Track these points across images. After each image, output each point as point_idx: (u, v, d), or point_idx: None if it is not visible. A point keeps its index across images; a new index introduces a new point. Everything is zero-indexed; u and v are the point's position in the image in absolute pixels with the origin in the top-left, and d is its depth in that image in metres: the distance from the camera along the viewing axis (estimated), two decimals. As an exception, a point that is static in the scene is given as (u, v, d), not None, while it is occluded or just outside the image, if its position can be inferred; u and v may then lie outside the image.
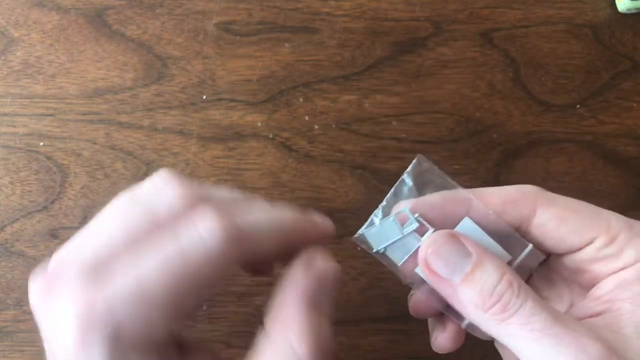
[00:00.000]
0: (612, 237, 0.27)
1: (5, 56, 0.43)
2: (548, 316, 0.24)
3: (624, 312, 0.25)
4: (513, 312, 0.24)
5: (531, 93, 0.42)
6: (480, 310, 0.25)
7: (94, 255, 0.22)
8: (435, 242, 0.26)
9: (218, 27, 0.43)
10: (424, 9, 0.43)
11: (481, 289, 0.25)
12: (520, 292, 0.25)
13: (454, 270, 0.25)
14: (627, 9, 0.42)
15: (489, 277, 0.25)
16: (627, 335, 0.24)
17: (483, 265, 0.25)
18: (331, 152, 0.42)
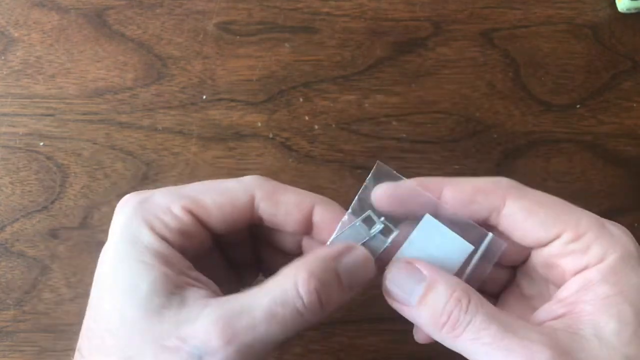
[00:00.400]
0: (580, 233, 0.27)
1: (6, 56, 0.43)
2: (498, 328, 0.25)
3: (584, 313, 0.26)
4: (463, 328, 0.26)
5: (531, 93, 0.42)
6: (435, 329, 0.27)
7: None
8: (391, 272, 0.28)
9: (218, 27, 0.43)
10: (424, 9, 0.43)
11: (433, 311, 0.26)
12: (469, 308, 0.26)
13: (410, 295, 0.27)
14: (627, 9, 0.42)
15: (439, 297, 0.26)
16: (584, 337, 0.25)
17: (435, 287, 0.27)
18: (331, 152, 0.42)
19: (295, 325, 0.26)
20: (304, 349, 0.40)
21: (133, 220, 0.28)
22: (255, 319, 0.25)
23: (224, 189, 0.29)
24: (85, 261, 0.41)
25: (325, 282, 0.27)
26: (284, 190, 0.30)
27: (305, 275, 0.26)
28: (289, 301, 0.26)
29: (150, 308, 0.26)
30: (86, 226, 0.41)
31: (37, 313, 0.40)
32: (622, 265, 0.26)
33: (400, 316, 0.40)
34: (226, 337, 0.25)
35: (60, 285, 0.41)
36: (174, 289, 0.27)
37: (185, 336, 0.25)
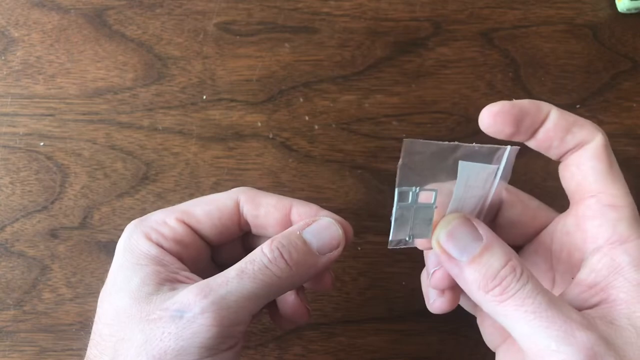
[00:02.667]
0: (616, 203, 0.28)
1: (6, 56, 0.43)
2: (543, 300, 0.25)
3: (618, 303, 0.26)
4: (511, 294, 0.26)
5: (531, 93, 0.42)
6: (482, 291, 0.27)
7: None
8: (449, 223, 0.28)
9: (218, 27, 0.43)
10: (424, 9, 0.43)
11: (486, 272, 0.26)
12: (521, 277, 0.26)
13: (463, 251, 0.27)
14: (627, 9, 0.42)
15: (495, 261, 0.26)
16: (620, 326, 0.25)
17: (491, 250, 0.27)
18: (331, 152, 0.42)
19: (266, 279, 0.29)
20: (304, 349, 0.40)
21: (133, 235, 0.31)
22: (227, 277, 0.28)
23: (212, 199, 0.33)
24: (85, 261, 0.41)
25: (287, 242, 0.30)
26: (265, 194, 0.33)
27: (269, 241, 0.30)
28: (257, 259, 0.29)
29: (140, 296, 0.29)
30: (86, 226, 0.41)
31: (37, 313, 0.40)
32: None
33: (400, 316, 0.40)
34: (202, 294, 0.28)
35: (60, 285, 0.41)
36: (163, 282, 0.29)
37: (167, 306, 0.28)
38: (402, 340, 0.40)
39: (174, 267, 0.30)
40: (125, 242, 0.31)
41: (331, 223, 0.31)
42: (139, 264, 0.30)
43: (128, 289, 0.29)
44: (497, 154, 0.29)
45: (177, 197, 0.41)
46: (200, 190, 0.41)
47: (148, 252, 0.30)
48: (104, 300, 0.30)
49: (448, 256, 0.28)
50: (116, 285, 0.30)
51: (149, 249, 0.30)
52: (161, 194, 0.41)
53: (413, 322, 0.34)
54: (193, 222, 0.32)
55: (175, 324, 0.27)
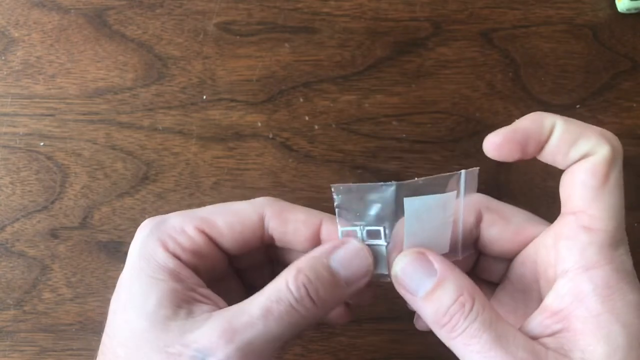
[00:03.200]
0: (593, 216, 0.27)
1: (6, 56, 0.43)
2: (489, 338, 0.26)
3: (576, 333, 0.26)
4: (459, 332, 0.26)
5: (531, 93, 0.42)
6: (436, 326, 0.27)
7: None
8: (402, 260, 0.28)
9: (218, 27, 0.43)
10: (424, 9, 0.43)
11: (437, 308, 0.27)
12: (470, 313, 0.26)
13: (417, 286, 0.28)
14: (627, 9, 0.42)
15: (446, 297, 0.27)
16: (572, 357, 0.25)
17: (443, 284, 0.27)
18: (331, 152, 0.42)
19: (292, 320, 0.27)
20: (304, 349, 0.40)
21: (149, 241, 0.30)
22: (252, 317, 0.27)
23: (235, 210, 0.31)
24: (85, 261, 0.41)
25: (314, 276, 0.28)
26: (293, 208, 0.31)
27: (294, 272, 0.27)
28: (283, 297, 0.27)
29: (157, 320, 0.27)
30: (86, 226, 0.41)
31: (37, 313, 0.40)
32: (617, 279, 0.26)
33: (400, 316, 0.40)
34: (226, 337, 0.26)
35: (60, 285, 0.41)
36: (181, 303, 0.28)
37: (188, 342, 0.26)
38: (402, 340, 0.40)
39: (190, 283, 0.29)
40: (140, 249, 0.30)
41: (360, 249, 0.29)
42: (156, 277, 0.28)
43: (145, 309, 0.28)
44: (450, 180, 0.29)
45: (177, 197, 0.41)
46: (200, 190, 0.41)
47: (165, 265, 0.29)
48: (117, 312, 0.29)
49: (405, 290, 0.28)
50: (132, 301, 0.28)
51: (166, 262, 0.29)
52: (161, 194, 0.41)
53: (413, 322, 0.34)
54: (214, 233, 0.30)
55: None
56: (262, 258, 0.34)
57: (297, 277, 0.27)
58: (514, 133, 0.28)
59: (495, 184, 0.41)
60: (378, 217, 0.29)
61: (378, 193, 0.29)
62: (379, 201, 0.29)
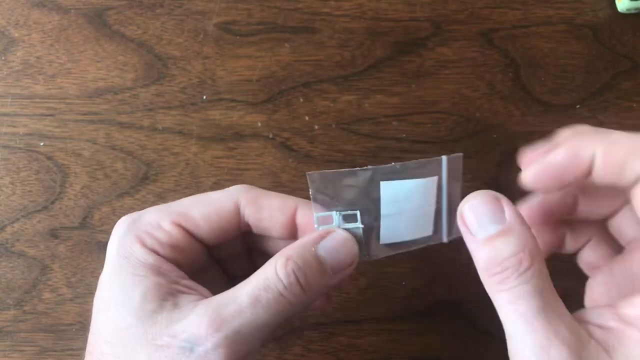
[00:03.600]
0: None
1: (6, 56, 0.43)
2: (536, 306, 0.25)
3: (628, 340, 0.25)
4: (507, 287, 0.25)
5: (531, 93, 0.42)
6: (485, 272, 0.26)
7: None
8: (475, 199, 0.27)
9: (218, 27, 0.43)
10: (424, 9, 0.43)
11: (494, 256, 0.26)
12: (525, 273, 0.25)
13: (480, 228, 0.27)
14: (627, 9, 0.42)
15: (506, 247, 0.26)
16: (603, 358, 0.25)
17: (507, 235, 0.26)
18: (331, 152, 0.42)
19: (280, 308, 0.27)
20: (304, 349, 0.40)
21: (126, 239, 0.30)
22: (241, 305, 0.27)
23: (210, 201, 0.31)
24: (85, 261, 0.41)
25: (303, 264, 0.28)
26: (267, 195, 0.31)
27: (283, 259, 0.28)
28: (271, 285, 0.27)
29: (143, 314, 0.27)
30: (86, 226, 0.41)
31: (37, 313, 0.40)
32: None
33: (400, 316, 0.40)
34: (214, 325, 0.26)
35: (60, 285, 0.41)
36: (166, 296, 0.28)
37: (175, 332, 0.27)
38: (402, 340, 0.40)
39: (173, 276, 0.29)
40: (117, 247, 0.30)
41: (347, 238, 0.30)
42: (137, 274, 0.28)
43: (129, 305, 0.28)
44: (429, 165, 0.29)
45: (177, 197, 0.41)
46: (200, 190, 0.41)
47: (145, 261, 0.29)
48: (100, 311, 0.29)
49: (466, 227, 0.27)
50: (114, 299, 0.28)
51: (146, 258, 0.29)
52: (161, 194, 0.41)
53: (413, 322, 0.34)
54: (190, 226, 0.30)
55: (186, 357, 0.26)
56: (241, 247, 0.34)
57: (286, 265, 0.28)
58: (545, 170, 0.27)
59: (496, 183, 0.41)
60: (354, 202, 0.30)
61: (354, 177, 0.29)
62: (355, 185, 0.29)
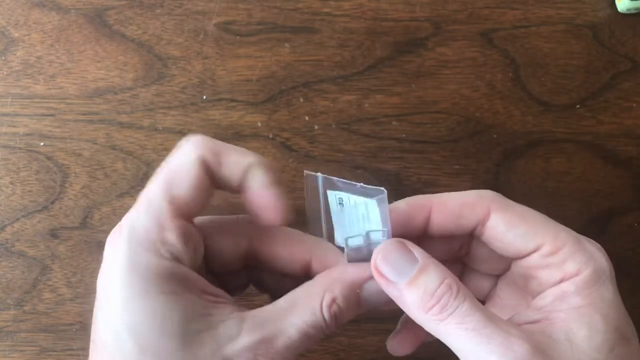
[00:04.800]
0: (558, 247, 0.28)
1: (6, 56, 0.43)
2: (481, 317, 0.26)
3: (557, 320, 0.27)
4: (450, 312, 0.26)
5: (531, 93, 0.42)
6: (422, 311, 0.27)
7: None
8: (385, 249, 0.28)
9: (218, 27, 0.43)
10: (424, 9, 0.43)
11: (423, 292, 0.27)
12: (458, 295, 0.27)
13: (400, 274, 0.28)
14: (627, 9, 0.42)
15: (431, 281, 0.27)
16: (557, 339, 0.26)
17: (427, 270, 0.27)
18: (331, 152, 0.42)
19: (316, 340, 0.28)
20: (304, 349, 0.40)
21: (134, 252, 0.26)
22: (291, 339, 0.27)
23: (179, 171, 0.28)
24: (86, 261, 0.41)
25: (346, 307, 0.28)
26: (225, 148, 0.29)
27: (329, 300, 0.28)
28: (317, 323, 0.28)
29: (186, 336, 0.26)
30: (86, 226, 0.41)
31: (37, 313, 0.40)
32: (595, 280, 0.28)
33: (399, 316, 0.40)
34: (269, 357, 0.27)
35: (60, 285, 0.41)
36: (203, 311, 0.27)
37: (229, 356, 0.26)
38: (402, 340, 0.40)
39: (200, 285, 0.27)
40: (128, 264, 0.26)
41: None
42: (166, 292, 0.26)
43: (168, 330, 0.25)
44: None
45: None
46: (200, 190, 0.41)
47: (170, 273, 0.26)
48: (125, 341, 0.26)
49: (386, 280, 0.28)
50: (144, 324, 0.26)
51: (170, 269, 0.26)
52: (161, 194, 0.41)
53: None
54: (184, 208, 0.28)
55: None
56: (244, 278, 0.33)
57: (331, 307, 0.28)
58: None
59: (495, 184, 0.41)
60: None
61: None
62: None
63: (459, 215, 0.29)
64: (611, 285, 0.28)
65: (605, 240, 0.41)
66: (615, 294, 0.28)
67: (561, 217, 0.33)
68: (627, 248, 0.41)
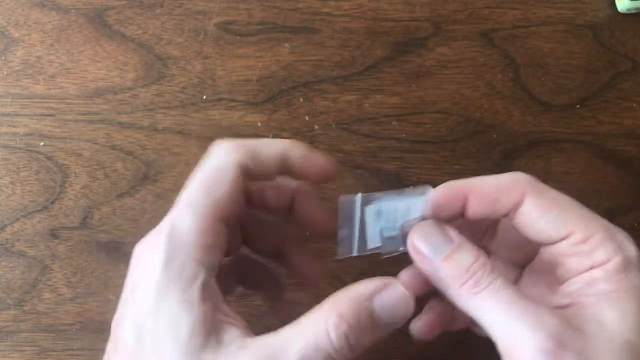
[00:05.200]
0: (588, 235, 0.28)
1: (6, 56, 0.43)
2: (514, 293, 0.27)
3: (587, 304, 0.27)
4: (484, 286, 0.27)
5: (531, 93, 0.42)
6: (456, 285, 0.28)
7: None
8: (422, 227, 0.29)
9: (218, 27, 0.43)
10: (424, 9, 0.43)
11: (459, 267, 0.28)
12: (492, 272, 0.27)
13: (436, 250, 0.29)
14: (627, 9, 0.42)
15: (466, 258, 0.28)
16: (587, 319, 0.27)
17: (462, 248, 0.28)
18: (331, 152, 0.42)
19: None
20: (304, 349, 0.40)
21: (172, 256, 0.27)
22: None
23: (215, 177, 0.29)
24: (86, 261, 0.41)
25: (356, 324, 0.27)
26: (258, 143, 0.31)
27: (335, 320, 0.26)
28: (322, 346, 0.26)
29: (190, 350, 0.26)
30: (86, 226, 0.41)
31: (37, 313, 0.40)
32: (625, 268, 0.28)
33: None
34: None
35: (60, 285, 0.41)
36: (211, 328, 0.26)
37: None
38: (402, 340, 0.40)
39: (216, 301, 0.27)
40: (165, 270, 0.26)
41: (407, 296, 0.28)
42: (186, 300, 0.26)
43: (176, 338, 0.26)
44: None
45: (177, 197, 0.41)
46: (201, 190, 0.41)
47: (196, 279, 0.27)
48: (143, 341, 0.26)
49: (422, 256, 0.29)
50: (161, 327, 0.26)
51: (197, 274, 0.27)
52: (161, 194, 0.41)
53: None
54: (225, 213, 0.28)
55: None
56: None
57: (338, 326, 0.26)
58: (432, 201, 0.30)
59: (495, 184, 0.41)
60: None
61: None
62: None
63: (495, 200, 0.29)
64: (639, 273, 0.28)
65: (605, 240, 0.41)
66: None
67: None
68: (627, 248, 0.41)
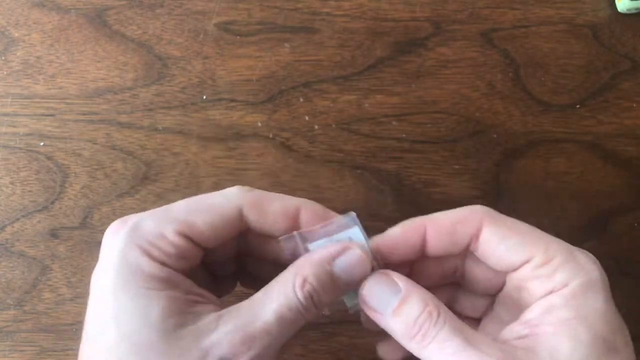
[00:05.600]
0: (548, 258, 0.29)
1: (6, 56, 0.43)
2: (461, 341, 0.27)
3: (544, 335, 0.27)
4: (431, 339, 0.28)
5: (531, 93, 0.42)
6: (407, 339, 0.28)
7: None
8: (369, 281, 0.30)
9: (218, 27, 0.43)
10: (424, 9, 0.43)
11: (406, 321, 0.28)
12: (438, 321, 0.28)
13: (385, 304, 0.29)
14: (627, 9, 0.42)
15: (413, 310, 0.28)
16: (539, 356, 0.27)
17: (409, 299, 0.29)
18: (331, 152, 0.42)
19: (298, 325, 0.29)
20: (304, 349, 0.40)
21: (129, 251, 0.29)
22: (267, 323, 0.27)
23: (211, 207, 0.30)
24: (86, 261, 0.41)
25: (318, 285, 0.29)
26: (269, 198, 0.31)
27: (300, 280, 0.28)
28: (292, 305, 0.28)
29: (166, 329, 0.27)
30: (86, 226, 0.41)
31: (37, 313, 0.40)
32: (584, 291, 0.28)
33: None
34: (247, 343, 0.27)
35: (60, 285, 0.41)
36: (185, 308, 0.28)
37: (207, 347, 0.27)
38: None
39: (185, 287, 0.29)
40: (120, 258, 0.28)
41: (363, 258, 0.30)
42: (150, 288, 0.27)
43: (148, 321, 0.27)
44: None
45: (177, 197, 0.41)
46: (201, 190, 0.41)
47: (157, 275, 0.28)
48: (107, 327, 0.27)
49: (374, 311, 0.29)
50: (126, 314, 0.27)
51: (157, 271, 0.28)
52: (161, 194, 0.41)
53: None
54: (195, 235, 0.30)
55: None
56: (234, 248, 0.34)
57: (303, 286, 0.28)
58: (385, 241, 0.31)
59: (495, 184, 0.41)
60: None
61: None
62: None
63: (453, 232, 0.30)
64: (602, 295, 0.28)
65: (605, 240, 0.41)
66: (606, 304, 0.28)
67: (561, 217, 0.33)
68: (627, 248, 0.41)
